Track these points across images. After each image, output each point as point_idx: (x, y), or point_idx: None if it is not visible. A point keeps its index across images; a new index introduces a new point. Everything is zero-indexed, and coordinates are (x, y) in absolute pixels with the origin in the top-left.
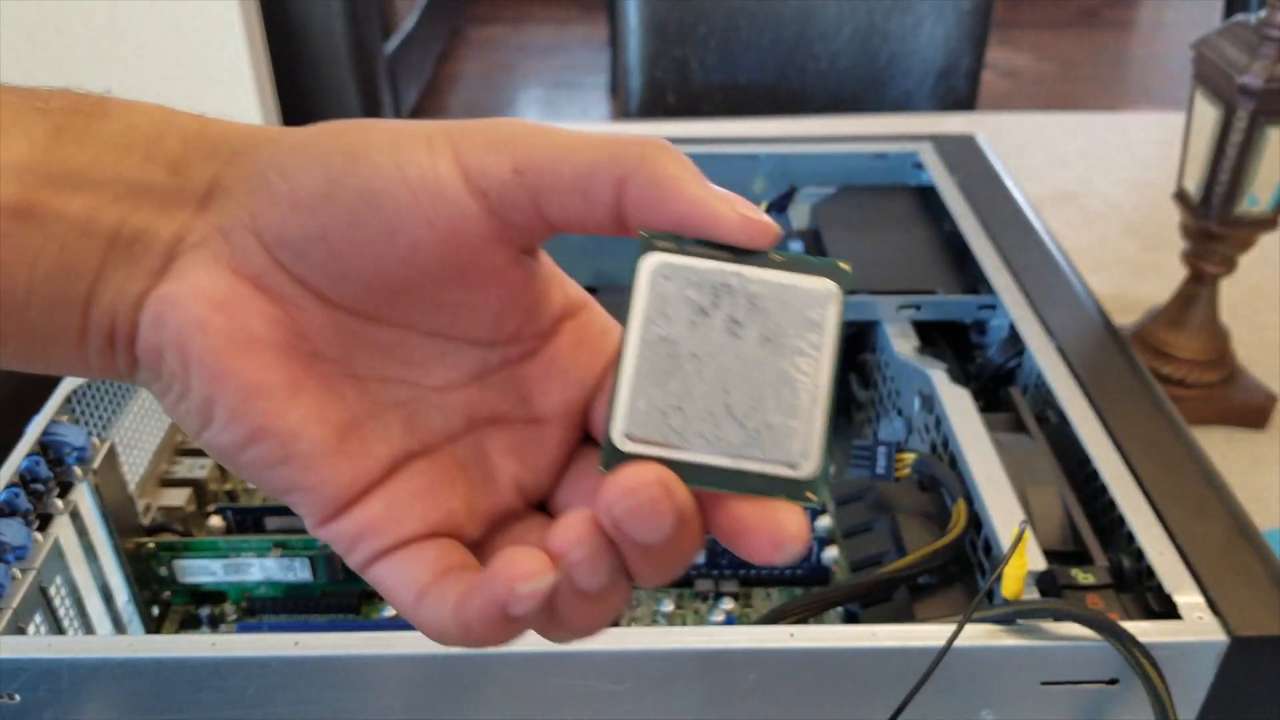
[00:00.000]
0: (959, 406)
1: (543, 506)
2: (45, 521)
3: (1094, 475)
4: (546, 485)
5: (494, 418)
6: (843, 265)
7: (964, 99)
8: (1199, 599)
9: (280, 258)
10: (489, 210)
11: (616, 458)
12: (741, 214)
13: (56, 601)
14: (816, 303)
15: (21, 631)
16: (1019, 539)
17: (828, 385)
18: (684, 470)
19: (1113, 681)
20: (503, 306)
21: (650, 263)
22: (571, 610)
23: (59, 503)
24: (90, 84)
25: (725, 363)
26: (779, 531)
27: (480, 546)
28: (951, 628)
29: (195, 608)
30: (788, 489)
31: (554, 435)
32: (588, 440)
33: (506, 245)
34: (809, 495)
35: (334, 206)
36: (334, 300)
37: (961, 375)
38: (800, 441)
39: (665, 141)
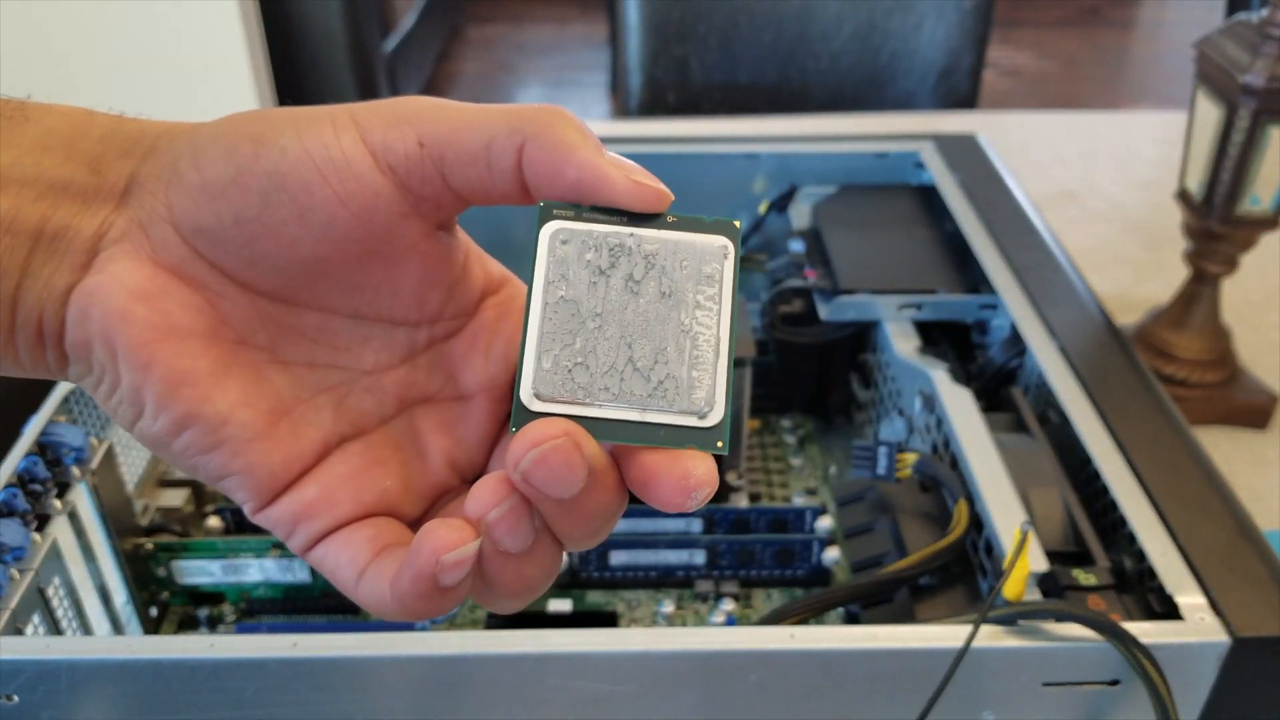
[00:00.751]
0: (960, 407)
1: None
2: (43, 522)
3: (1095, 476)
4: (479, 460)
5: (424, 397)
6: (735, 222)
7: (965, 98)
8: (1201, 600)
9: (198, 246)
10: (398, 185)
11: (525, 417)
12: (634, 179)
13: (54, 602)
14: (711, 257)
15: (20, 632)
16: (1021, 540)
17: (728, 336)
18: (594, 426)
19: (1114, 682)
20: (422, 283)
21: (549, 229)
22: (501, 573)
23: (57, 503)
24: (90, 85)
25: (626, 319)
26: (687, 478)
27: (420, 523)
28: (953, 629)
29: (194, 609)
30: (697, 438)
31: (481, 410)
32: None
33: (420, 220)
34: (718, 444)
35: (245, 192)
36: (254, 286)
37: (963, 375)
38: (705, 391)
39: (563, 109)
